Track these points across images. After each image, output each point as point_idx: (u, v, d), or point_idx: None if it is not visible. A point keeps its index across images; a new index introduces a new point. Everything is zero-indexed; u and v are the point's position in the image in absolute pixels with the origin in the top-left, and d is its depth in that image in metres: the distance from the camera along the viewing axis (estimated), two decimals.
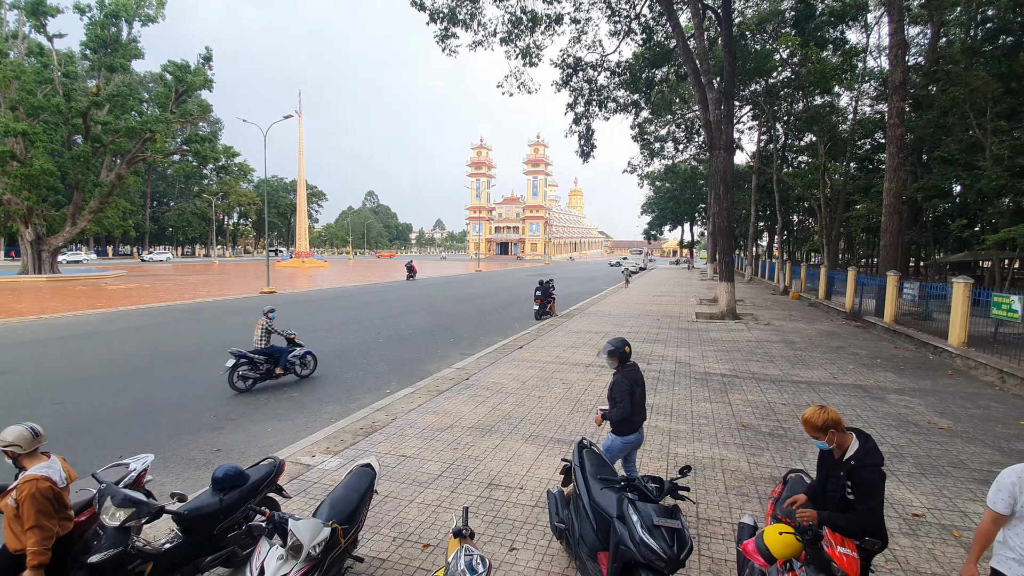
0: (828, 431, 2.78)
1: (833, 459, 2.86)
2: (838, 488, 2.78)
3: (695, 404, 7.41)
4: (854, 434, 2.82)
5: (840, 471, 2.78)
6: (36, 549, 2.67)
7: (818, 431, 2.80)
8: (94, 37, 31.51)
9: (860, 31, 26.31)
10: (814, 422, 2.80)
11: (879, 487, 2.67)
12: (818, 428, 2.79)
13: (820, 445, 2.87)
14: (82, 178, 31.55)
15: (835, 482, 2.81)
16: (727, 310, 16.49)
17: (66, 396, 7.88)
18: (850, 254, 38.79)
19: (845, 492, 2.73)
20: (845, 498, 2.73)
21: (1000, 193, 16.98)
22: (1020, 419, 6.91)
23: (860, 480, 2.68)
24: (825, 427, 2.78)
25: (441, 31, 19.85)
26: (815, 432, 2.82)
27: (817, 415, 2.80)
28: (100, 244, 76.42)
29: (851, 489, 2.70)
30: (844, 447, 2.80)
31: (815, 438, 2.85)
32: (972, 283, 10.79)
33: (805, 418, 2.87)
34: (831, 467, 2.87)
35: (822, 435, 2.81)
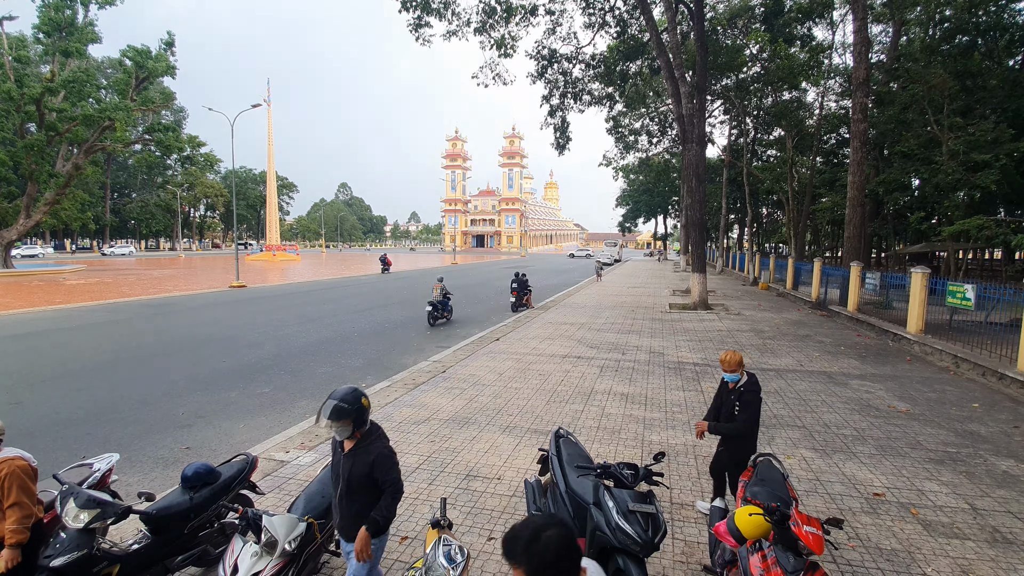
0: (740, 367, 3.96)
1: (728, 389, 4.01)
2: (731, 407, 3.94)
3: (668, 392, 7.56)
4: (746, 373, 4.00)
5: (733, 396, 3.96)
6: (16, 527, 2.68)
7: (737, 366, 3.94)
8: (47, 20, 29.89)
9: (826, 28, 26.97)
10: (735, 360, 3.93)
11: (756, 406, 3.87)
12: (738, 363, 3.94)
13: (732, 377, 3.97)
14: (36, 168, 30.04)
15: (729, 404, 3.97)
16: (699, 301, 16.82)
17: (24, 396, 7.55)
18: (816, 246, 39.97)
19: (734, 409, 3.90)
20: (733, 413, 3.91)
21: (955, 187, 17.70)
22: (973, 402, 7.28)
23: (746, 401, 3.87)
24: (740, 364, 3.96)
25: (414, 20, 19.55)
26: (734, 367, 3.93)
27: (735, 356, 3.95)
28: (58, 237, 73.19)
29: (739, 407, 3.89)
30: (740, 380, 3.97)
31: (732, 372, 3.95)
32: (929, 273, 11.26)
33: (727, 358, 3.95)
34: (726, 394, 4.04)
35: (738, 369, 3.96)
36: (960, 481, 4.83)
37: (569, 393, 7.49)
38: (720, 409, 4.07)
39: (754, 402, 3.85)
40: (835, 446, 5.61)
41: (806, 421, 6.38)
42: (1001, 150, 16.42)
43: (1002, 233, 15.77)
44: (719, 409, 4.08)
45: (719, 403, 4.10)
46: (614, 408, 6.84)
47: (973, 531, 4.00)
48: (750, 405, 3.85)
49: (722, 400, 4.07)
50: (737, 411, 3.86)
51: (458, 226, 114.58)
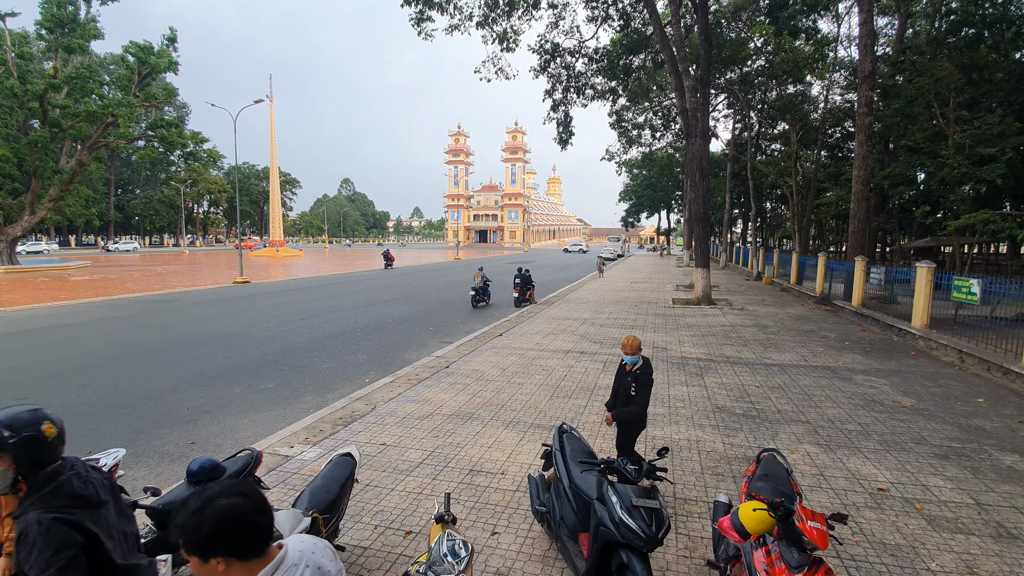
0: (639, 351, 4.26)
1: (626, 372, 4.31)
2: (627, 389, 4.26)
3: (672, 388, 7.56)
4: (642, 358, 4.29)
5: (629, 378, 4.28)
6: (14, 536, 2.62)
7: (637, 350, 4.25)
8: (49, 16, 29.89)
9: (831, 21, 26.76)
10: (635, 344, 4.25)
11: (650, 387, 4.29)
12: (638, 348, 4.25)
13: (631, 360, 4.28)
14: (40, 165, 30.10)
15: (625, 386, 4.28)
16: (702, 296, 16.79)
17: (29, 392, 7.60)
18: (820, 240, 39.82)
19: (631, 390, 4.24)
20: (629, 395, 4.25)
21: (961, 181, 17.58)
22: (978, 397, 7.25)
23: (642, 382, 4.23)
24: (639, 348, 4.25)
25: (416, 14, 19.47)
26: (635, 351, 4.25)
27: (636, 340, 4.27)
28: (62, 234, 73.46)
29: (635, 388, 4.22)
30: (637, 363, 4.24)
31: (632, 355, 4.26)
32: (934, 268, 11.20)
33: (628, 343, 4.26)
34: (623, 376, 4.34)
35: (637, 353, 4.26)
36: (965, 476, 4.82)
37: (572, 388, 7.49)
38: (619, 384, 4.39)
39: (648, 383, 4.25)
40: (839, 441, 5.60)
41: (810, 416, 6.37)
42: (1007, 144, 16.30)
43: (1008, 227, 15.67)
44: (617, 391, 4.40)
45: (617, 385, 4.41)
46: None
47: (977, 526, 3.99)
48: (646, 386, 4.23)
49: (620, 382, 4.39)
50: (634, 392, 4.21)
51: (461, 221, 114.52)
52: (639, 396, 4.21)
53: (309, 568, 1.47)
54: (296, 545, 1.50)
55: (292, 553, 1.47)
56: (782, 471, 3.15)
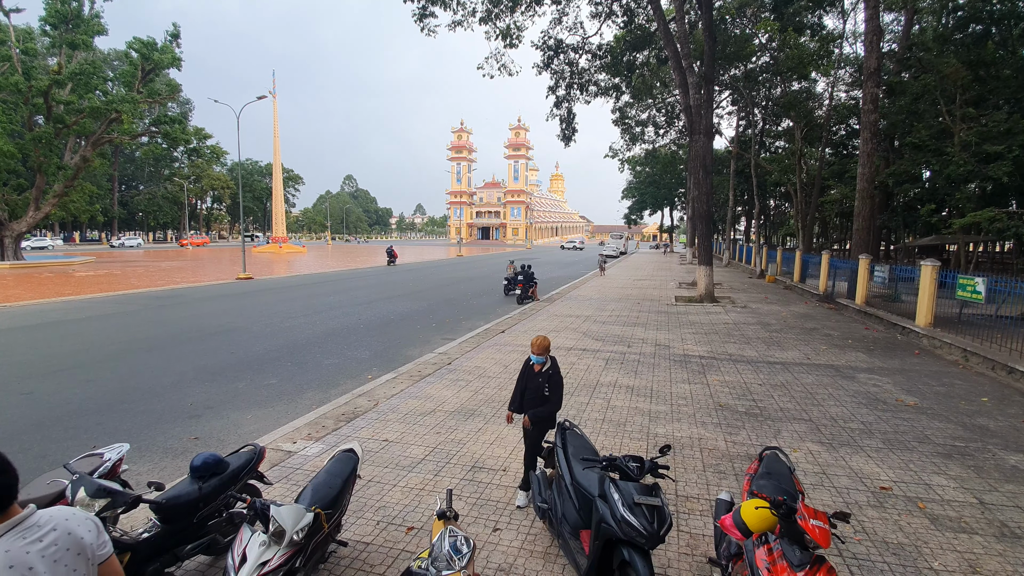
0: (547, 351, 4.19)
1: (534, 372, 4.21)
2: (540, 389, 4.18)
3: (674, 385, 7.55)
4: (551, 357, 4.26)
5: (540, 379, 4.18)
6: None
7: (545, 351, 4.18)
8: (53, 12, 29.94)
9: (837, 17, 26.58)
10: (544, 345, 4.17)
11: (562, 385, 4.28)
12: (546, 348, 4.18)
13: (539, 359, 4.19)
14: (45, 160, 30.21)
15: (535, 386, 4.19)
16: (705, 293, 16.75)
17: (35, 386, 7.65)
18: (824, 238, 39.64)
19: (544, 390, 4.16)
20: (543, 394, 4.17)
21: (967, 179, 17.46)
22: (982, 396, 7.22)
23: (555, 381, 4.19)
24: (548, 348, 4.19)
25: (419, 10, 19.43)
26: (543, 351, 4.17)
27: (545, 340, 4.20)
28: (67, 230, 73.75)
29: (548, 388, 4.17)
30: (546, 363, 4.21)
31: (540, 355, 4.17)
32: (939, 266, 11.14)
33: (537, 342, 4.17)
34: (532, 376, 4.23)
35: (546, 353, 4.20)
36: (968, 475, 4.80)
37: (575, 385, 7.49)
38: (525, 385, 4.28)
39: (560, 382, 4.25)
40: (842, 440, 5.59)
41: (813, 415, 6.35)
42: (1014, 141, 16.15)
43: (1014, 226, 15.55)
44: (524, 391, 4.29)
45: (523, 385, 4.29)
46: (619, 401, 6.84)
47: (981, 525, 3.98)
48: (559, 385, 4.22)
49: (527, 382, 4.27)
50: (547, 391, 4.16)
51: (463, 218, 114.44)
52: (554, 395, 4.19)
53: (56, 532, 1.52)
54: (49, 511, 1.55)
55: (40, 516, 1.53)
56: (785, 469, 3.14)
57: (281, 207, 58.30)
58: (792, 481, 3.02)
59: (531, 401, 4.24)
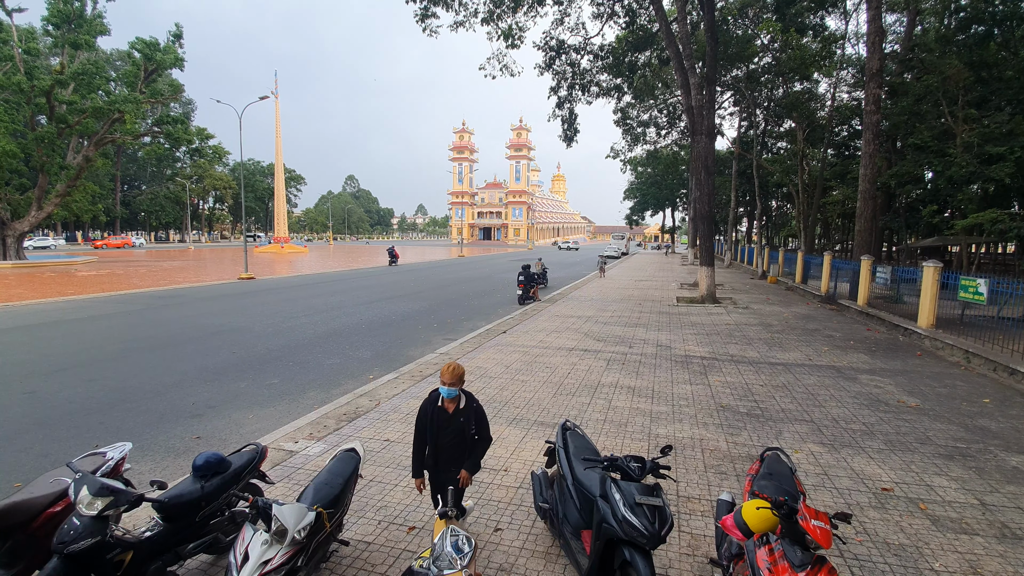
0: (461, 382, 3.40)
1: (447, 413, 3.43)
2: (465, 430, 3.43)
3: (676, 386, 7.54)
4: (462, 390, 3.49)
5: (459, 419, 3.44)
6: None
7: (458, 380, 3.37)
8: (56, 12, 30.02)
9: (839, 18, 26.51)
10: (457, 373, 3.37)
11: (486, 417, 3.57)
12: (461, 377, 3.38)
13: (450, 392, 3.37)
14: (47, 160, 30.29)
15: (456, 429, 3.43)
16: (707, 294, 16.74)
17: (37, 385, 7.67)
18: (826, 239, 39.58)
19: (467, 429, 3.43)
20: (467, 434, 3.45)
21: (969, 180, 17.43)
22: (983, 397, 7.21)
23: (480, 416, 3.51)
24: (461, 378, 3.39)
25: (421, 10, 19.44)
26: (457, 382, 3.38)
27: (458, 368, 3.39)
28: (69, 229, 73.92)
29: (476, 428, 3.47)
30: (457, 400, 3.44)
31: (452, 386, 3.35)
32: (941, 267, 11.13)
33: (448, 370, 3.36)
34: (442, 415, 3.44)
35: (460, 384, 3.40)
36: (969, 476, 4.80)
37: (576, 386, 7.49)
38: (437, 433, 3.44)
39: (484, 414, 3.58)
40: (843, 441, 5.58)
41: (814, 416, 6.35)
42: (1016, 142, 16.13)
43: (1016, 227, 15.54)
44: (436, 442, 3.46)
45: (433, 434, 3.45)
46: (621, 401, 6.84)
47: (982, 527, 3.98)
48: (486, 421, 3.57)
49: (439, 423, 3.45)
50: (475, 432, 3.48)
51: (465, 218, 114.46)
52: (484, 431, 3.55)
53: None
54: None
55: None
56: (786, 470, 3.14)
57: (283, 207, 58.38)
58: (793, 482, 3.02)
59: (450, 452, 3.44)
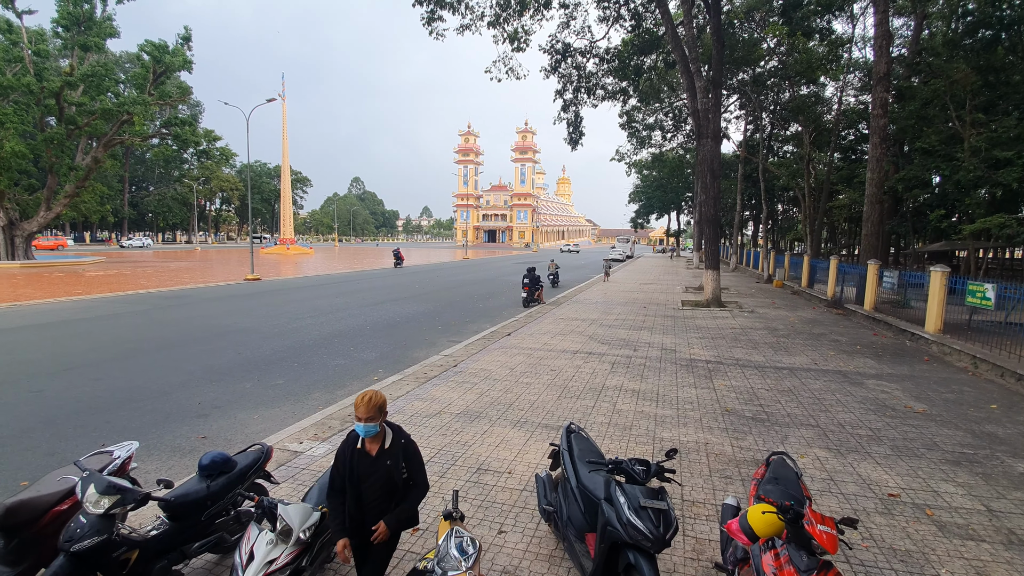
0: (382, 413, 2.74)
1: (370, 458, 2.77)
2: (394, 474, 2.78)
3: (680, 390, 7.52)
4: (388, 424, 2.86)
5: (387, 460, 2.77)
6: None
7: (379, 413, 2.72)
8: (66, 14, 30.39)
9: (846, 21, 26.43)
10: (375, 404, 2.70)
11: (421, 456, 2.94)
12: (380, 408, 2.72)
13: (369, 429, 2.72)
14: (56, 161, 30.60)
15: (382, 473, 2.77)
16: (712, 298, 16.68)
17: (45, 384, 7.73)
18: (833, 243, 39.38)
19: (396, 474, 2.79)
20: (398, 481, 2.80)
21: (977, 184, 17.33)
22: (991, 403, 7.15)
23: (412, 454, 2.89)
24: (382, 410, 2.73)
25: (427, 13, 19.53)
26: (376, 415, 2.70)
27: (377, 397, 2.71)
28: (77, 230, 74.54)
29: (407, 468, 2.85)
30: (381, 436, 2.81)
31: (369, 421, 2.69)
32: (948, 272, 11.05)
33: (367, 400, 2.69)
34: (369, 465, 2.77)
35: (381, 416, 2.74)
36: (976, 482, 4.76)
37: (580, 389, 7.49)
38: (360, 482, 2.77)
39: (418, 452, 2.93)
40: (850, 446, 5.55)
41: (820, 420, 6.32)
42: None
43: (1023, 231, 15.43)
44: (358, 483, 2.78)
45: (356, 474, 2.78)
46: (625, 404, 6.83)
47: (989, 533, 3.94)
48: (420, 461, 2.93)
49: (361, 470, 2.78)
50: (407, 473, 2.85)
51: (470, 221, 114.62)
52: (416, 475, 2.90)
53: None
54: None
55: None
56: (792, 474, 3.13)
57: (289, 209, 58.70)
58: (799, 486, 3.01)
59: (379, 506, 2.79)
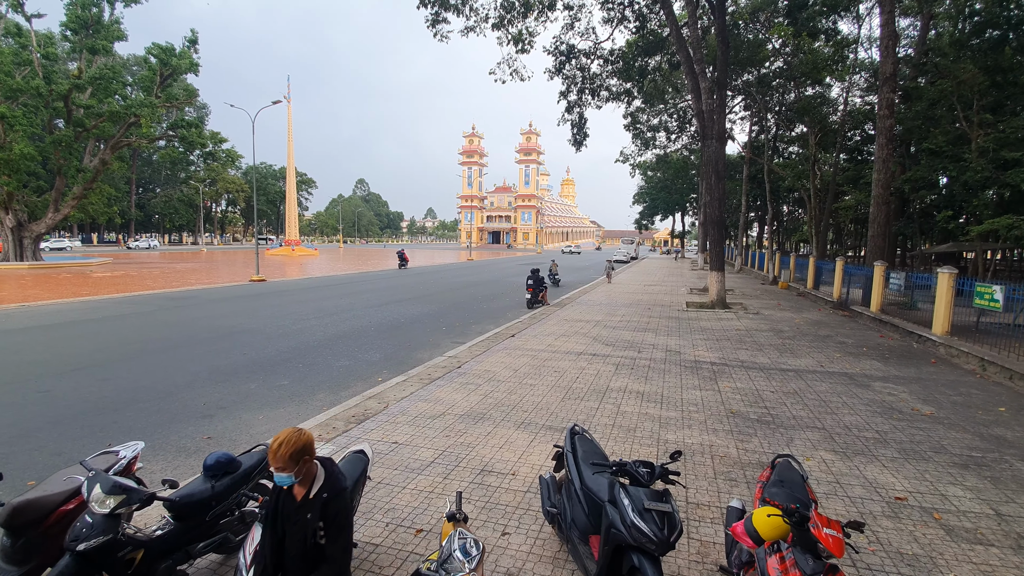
0: (301, 460, 2.23)
1: (295, 503, 2.34)
2: (307, 535, 2.31)
3: (685, 391, 7.49)
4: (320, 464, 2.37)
5: (307, 512, 2.31)
6: None
7: (294, 461, 2.21)
8: (74, 18, 30.64)
9: (852, 22, 26.35)
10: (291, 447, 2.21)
11: (350, 516, 2.38)
12: (306, 450, 2.23)
13: (285, 480, 2.27)
14: (64, 163, 30.86)
15: (300, 530, 2.33)
16: (717, 299, 16.62)
17: (52, 384, 7.79)
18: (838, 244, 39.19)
19: (317, 537, 2.30)
20: (316, 544, 2.31)
21: (984, 185, 17.21)
22: (999, 406, 7.08)
23: (334, 514, 2.32)
24: (306, 450, 2.22)
25: (432, 16, 19.58)
26: (289, 463, 2.23)
27: (304, 437, 2.24)
28: (85, 231, 75.11)
29: (324, 530, 2.31)
30: (310, 479, 2.33)
31: (282, 471, 2.23)
32: (956, 273, 10.97)
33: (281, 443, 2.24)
34: (293, 512, 2.34)
35: (291, 467, 2.23)
36: (985, 486, 4.71)
37: (584, 390, 7.47)
38: (283, 530, 2.39)
39: (348, 512, 2.42)
40: (856, 448, 5.51)
41: (826, 423, 6.27)
42: None
43: None
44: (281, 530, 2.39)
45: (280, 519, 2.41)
46: (630, 406, 6.80)
47: (997, 537, 3.90)
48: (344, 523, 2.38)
49: (285, 513, 2.40)
50: (324, 538, 2.33)
51: (474, 222, 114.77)
52: (333, 543, 2.36)
53: None
54: None
55: None
56: (797, 477, 3.10)
57: (294, 210, 58.95)
58: (805, 489, 2.98)
59: (299, 563, 2.37)
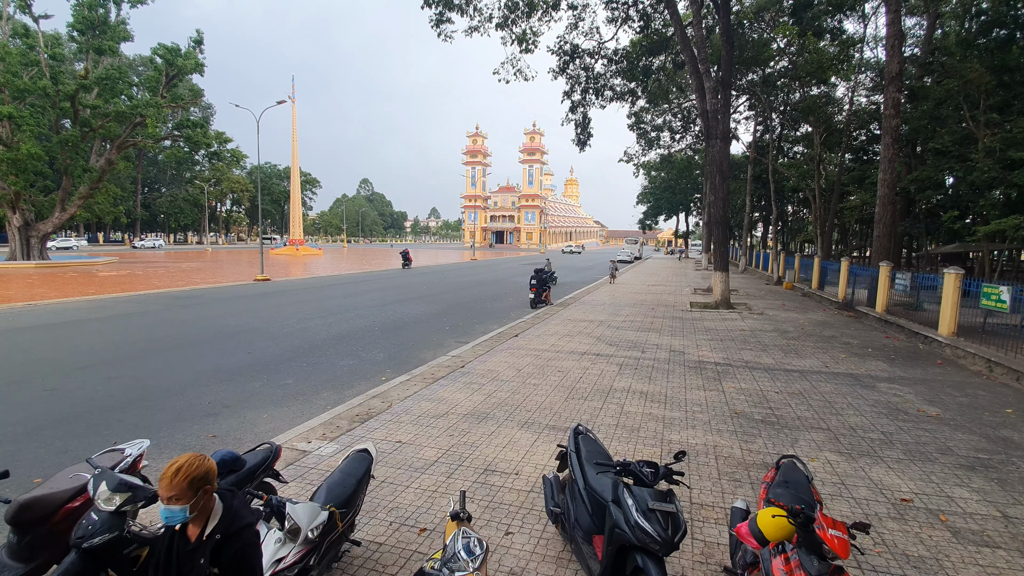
0: (200, 490, 1.86)
1: (189, 544, 1.93)
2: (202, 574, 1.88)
3: (689, 392, 7.47)
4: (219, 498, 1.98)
5: (200, 557, 1.89)
6: None
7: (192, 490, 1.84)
8: (81, 18, 30.84)
9: (857, 21, 26.20)
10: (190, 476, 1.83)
11: (255, 560, 1.91)
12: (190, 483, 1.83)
13: (172, 515, 1.86)
14: (71, 163, 31.07)
15: (197, 572, 1.92)
16: (721, 299, 16.57)
17: (58, 383, 7.83)
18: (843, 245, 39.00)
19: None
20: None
21: (991, 185, 17.09)
22: (1006, 407, 7.03)
23: (230, 559, 1.87)
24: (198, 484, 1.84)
25: (436, 16, 19.59)
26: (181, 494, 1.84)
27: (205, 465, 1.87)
28: (91, 231, 75.58)
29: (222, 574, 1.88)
30: (206, 515, 1.93)
31: (171, 501, 1.84)
32: (963, 274, 10.90)
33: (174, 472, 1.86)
34: (188, 556, 1.94)
35: (186, 498, 1.84)
36: (991, 488, 4.68)
37: (588, 390, 7.46)
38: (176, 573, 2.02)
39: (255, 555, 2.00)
40: (861, 450, 5.48)
41: (831, 424, 6.24)
42: None
43: None
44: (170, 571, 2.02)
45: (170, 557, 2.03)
46: (633, 406, 6.79)
47: (1004, 539, 3.87)
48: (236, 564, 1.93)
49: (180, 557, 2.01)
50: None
51: (478, 222, 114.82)
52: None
53: None
54: None
55: None
56: (802, 478, 3.09)
57: (298, 210, 59.12)
58: (810, 490, 2.97)
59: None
